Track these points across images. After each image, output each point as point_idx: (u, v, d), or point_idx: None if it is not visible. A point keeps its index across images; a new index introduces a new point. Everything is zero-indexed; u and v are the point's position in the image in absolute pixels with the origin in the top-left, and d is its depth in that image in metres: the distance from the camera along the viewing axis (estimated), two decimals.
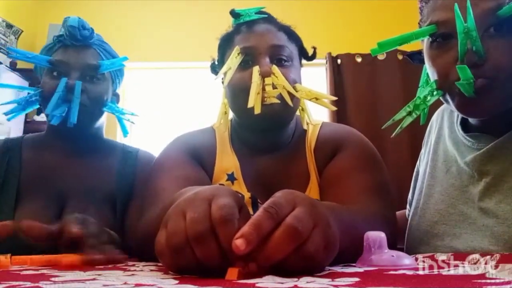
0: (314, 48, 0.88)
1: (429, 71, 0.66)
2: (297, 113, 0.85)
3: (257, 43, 0.78)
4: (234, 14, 0.82)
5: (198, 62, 2.59)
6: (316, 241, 0.39)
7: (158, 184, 0.74)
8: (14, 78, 2.55)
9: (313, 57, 0.88)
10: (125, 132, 0.99)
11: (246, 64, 0.78)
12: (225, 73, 0.79)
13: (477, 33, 0.56)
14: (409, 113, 0.65)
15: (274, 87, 0.75)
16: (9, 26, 2.70)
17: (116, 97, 0.97)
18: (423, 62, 0.69)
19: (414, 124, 0.66)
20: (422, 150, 0.86)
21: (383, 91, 2.84)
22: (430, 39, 0.64)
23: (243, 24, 0.82)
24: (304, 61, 0.88)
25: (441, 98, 0.65)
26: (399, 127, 0.65)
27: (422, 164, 0.83)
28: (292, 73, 0.78)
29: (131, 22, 3.11)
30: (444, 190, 0.72)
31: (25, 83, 2.63)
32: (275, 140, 0.83)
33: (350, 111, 2.85)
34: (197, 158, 0.82)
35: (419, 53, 0.72)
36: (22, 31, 2.80)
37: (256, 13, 0.82)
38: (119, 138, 2.44)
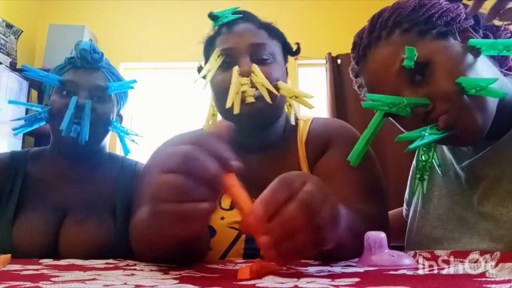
0: (298, 44, 0.87)
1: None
2: (286, 109, 0.85)
3: (236, 44, 0.78)
4: (212, 16, 0.82)
5: (198, 62, 2.58)
6: (324, 215, 0.41)
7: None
8: (14, 78, 2.54)
9: (297, 52, 0.88)
10: (126, 151, 1.01)
11: (227, 65, 0.78)
12: (205, 76, 0.79)
13: (404, 100, 0.61)
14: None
15: (254, 85, 0.75)
16: (9, 26, 2.70)
17: (119, 117, 1.01)
18: None
19: None
20: None
21: None
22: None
23: (223, 26, 0.82)
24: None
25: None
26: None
27: None
28: (274, 70, 0.78)
29: (130, 22, 3.10)
30: (442, 195, 0.72)
31: (25, 83, 2.63)
32: (264, 139, 0.83)
33: (350, 111, 2.84)
34: None
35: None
36: (22, 31, 2.79)
37: (233, 13, 0.82)
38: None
